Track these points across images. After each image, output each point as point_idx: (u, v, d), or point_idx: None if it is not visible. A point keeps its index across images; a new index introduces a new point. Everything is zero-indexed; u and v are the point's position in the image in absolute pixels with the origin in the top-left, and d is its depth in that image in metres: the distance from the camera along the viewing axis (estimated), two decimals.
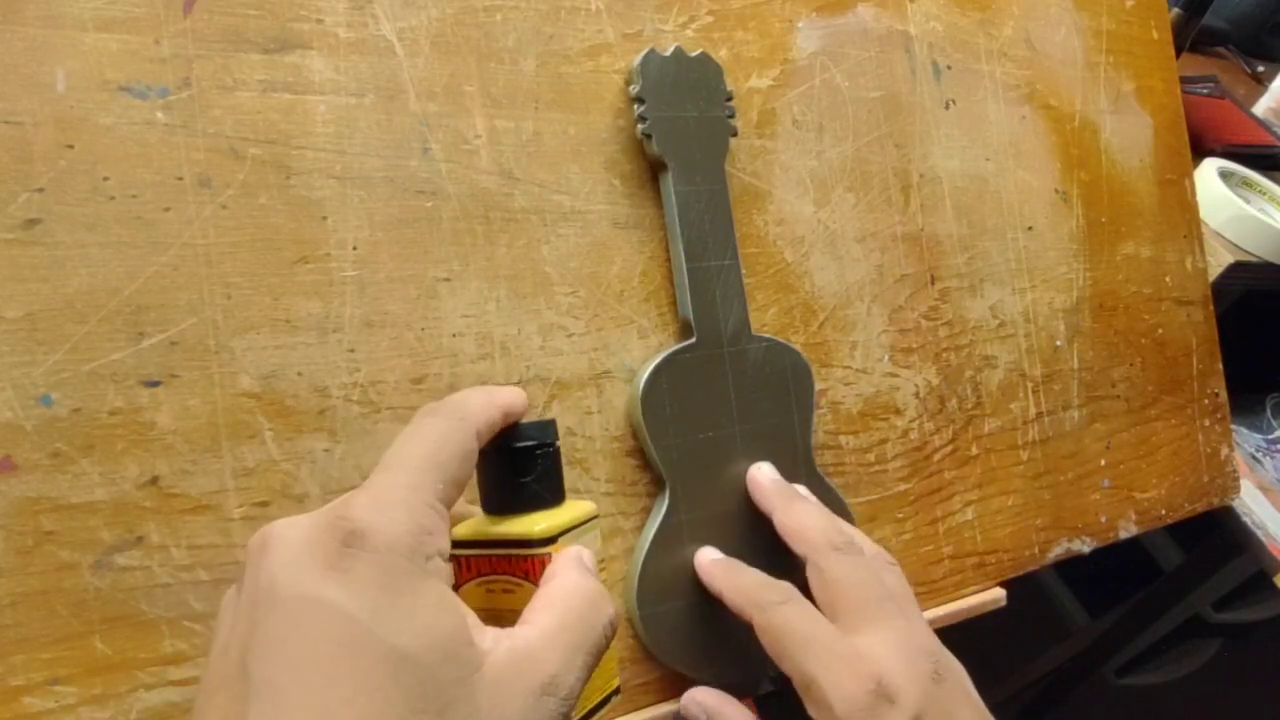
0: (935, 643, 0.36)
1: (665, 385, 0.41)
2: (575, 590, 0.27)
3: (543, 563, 0.29)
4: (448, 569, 0.25)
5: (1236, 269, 0.84)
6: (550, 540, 0.29)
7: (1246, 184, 0.94)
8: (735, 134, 0.44)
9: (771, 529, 0.41)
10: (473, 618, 0.24)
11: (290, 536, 0.24)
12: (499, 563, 0.29)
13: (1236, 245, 0.86)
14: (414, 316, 0.38)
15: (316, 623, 0.22)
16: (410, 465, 0.26)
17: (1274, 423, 0.99)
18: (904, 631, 0.35)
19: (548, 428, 0.31)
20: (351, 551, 0.23)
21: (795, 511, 0.40)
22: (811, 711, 0.34)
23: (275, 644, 0.22)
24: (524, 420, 0.31)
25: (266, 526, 0.24)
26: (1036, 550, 0.54)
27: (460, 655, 0.23)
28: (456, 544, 0.30)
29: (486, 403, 0.29)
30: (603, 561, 0.35)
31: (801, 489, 0.42)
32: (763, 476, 0.42)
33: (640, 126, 0.42)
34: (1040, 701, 1.24)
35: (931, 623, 0.48)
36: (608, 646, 0.27)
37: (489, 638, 0.24)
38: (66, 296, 0.32)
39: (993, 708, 0.36)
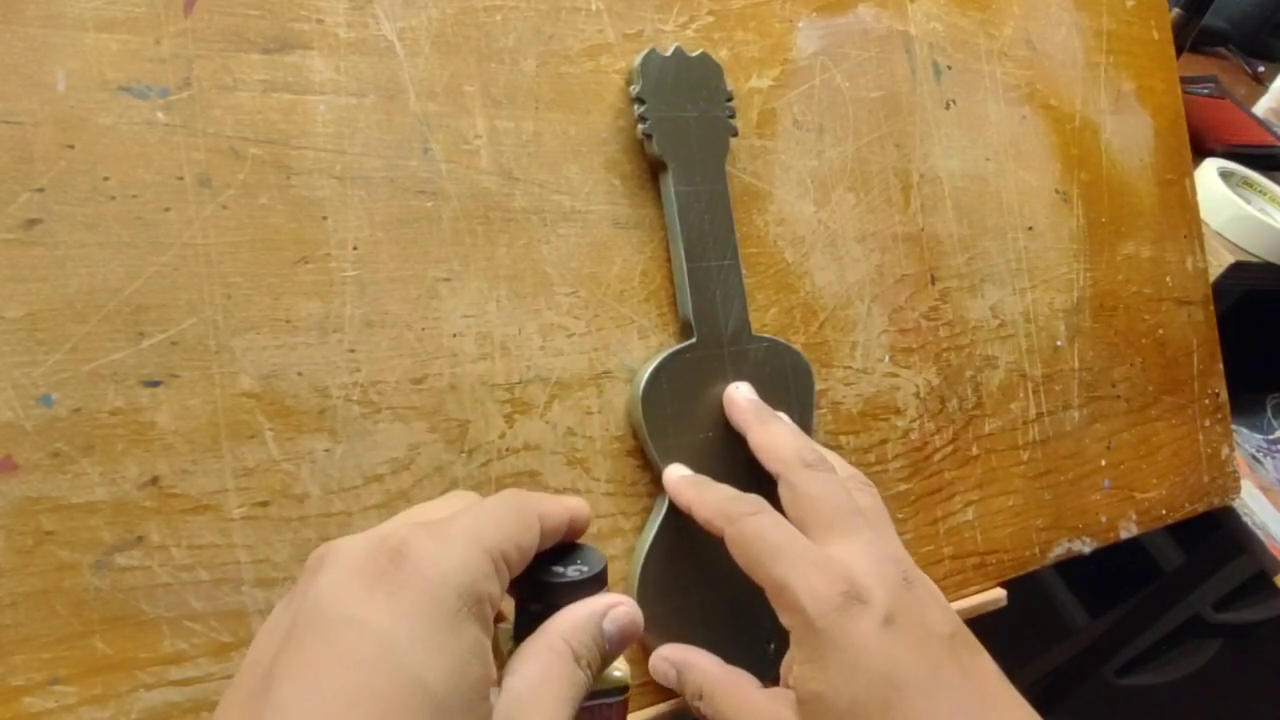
0: (905, 555, 0.36)
1: (665, 385, 0.41)
2: (556, 640, 0.27)
3: (624, 707, 0.29)
4: (490, 618, 0.24)
5: (1237, 269, 0.84)
6: (627, 685, 0.29)
7: (1247, 184, 0.94)
8: (735, 134, 0.44)
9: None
10: (495, 668, 0.24)
11: (345, 554, 0.24)
12: (579, 716, 0.28)
13: (1237, 245, 0.86)
14: (414, 316, 0.38)
15: (351, 644, 0.21)
16: (470, 514, 0.26)
17: (1274, 423, 0.99)
18: (873, 543, 0.35)
19: (601, 566, 0.30)
20: (402, 575, 0.23)
21: (770, 429, 0.40)
22: (784, 618, 0.33)
23: (305, 661, 0.21)
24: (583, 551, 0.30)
25: (329, 543, 0.25)
26: (1037, 550, 0.54)
27: (478, 708, 0.23)
28: None
29: (550, 496, 0.30)
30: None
31: (782, 415, 0.42)
32: (739, 395, 0.42)
33: (640, 126, 0.42)
34: (1040, 702, 1.24)
35: None
36: (584, 695, 0.27)
37: (492, 693, 0.24)
38: (67, 296, 0.32)
39: None
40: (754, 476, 0.43)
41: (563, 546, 0.30)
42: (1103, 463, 0.58)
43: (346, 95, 0.37)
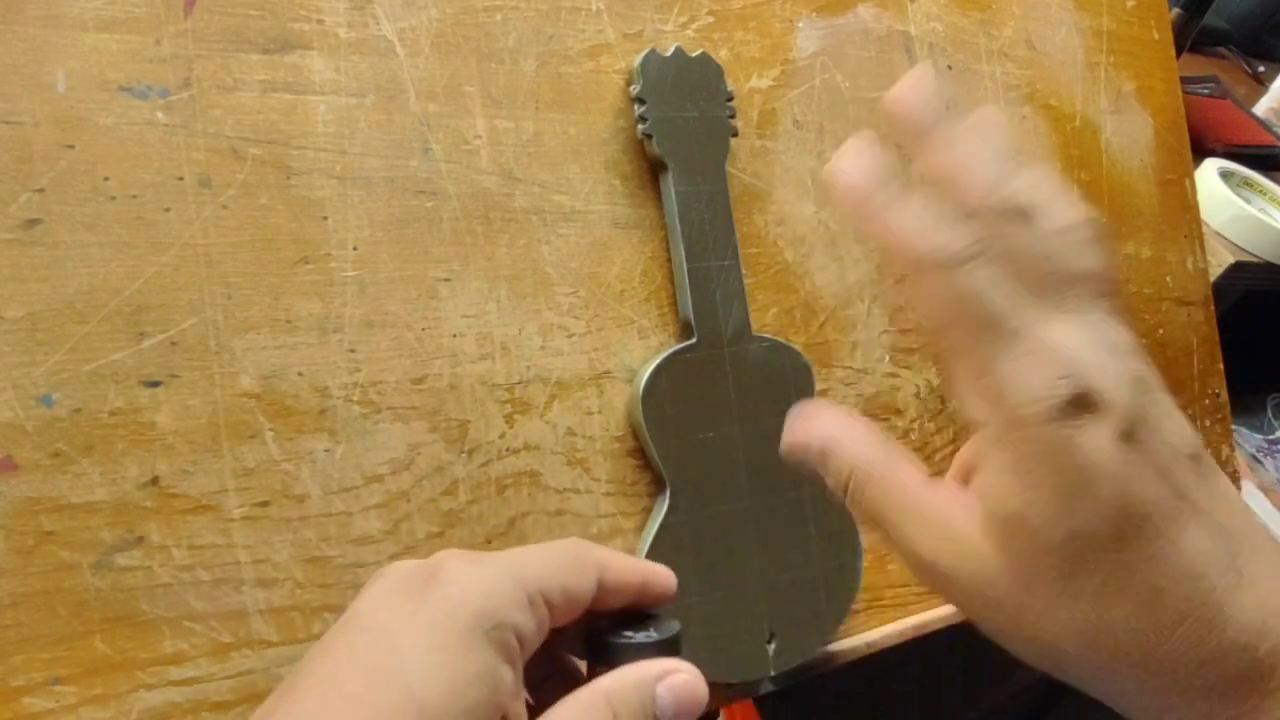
0: (1135, 344, 0.26)
1: (665, 385, 0.41)
2: (595, 695, 0.26)
3: None
4: (514, 649, 0.24)
5: (1237, 269, 0.84)
6: None
7: (1247, 184, 0.94)
8: (736, 134, 0.44)
9: (776, 525, 0.41)
10: (513, 706, 0.24)
11: (394, 572, 0.25)
12: None
13: (1237, 245, 0.86)
14: (414, 316, 0.38)
15: (367, 648, 0.23)
16: (520, 552, 0.26)
17: (1274, 423, 0.99)
18: (1102, 326, 0.26)
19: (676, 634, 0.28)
20: (429, 593, 0.23)
21: (960, 148, 0.27)
22: (975, 410, 0.26)
23: (326, 659, 0.23)
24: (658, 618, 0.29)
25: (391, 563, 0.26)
26: None
27: None
28: None
29: (624, 556, 0.29)
30: None
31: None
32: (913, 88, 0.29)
33: (641, 127, 0.42)
34: (1041, 702, 1.24)
35: (932, 623, 0.48)
36: None
37: None
38: (67, 296, 0.32)
39: (993, 708, 0.35)
40: (758, 479, 0.43)
41: (641, 614, 0.29)
42: None
43: (346, 95, 0.37)
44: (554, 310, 0.41)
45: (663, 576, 0.29)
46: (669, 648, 0.27)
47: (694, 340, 0.42)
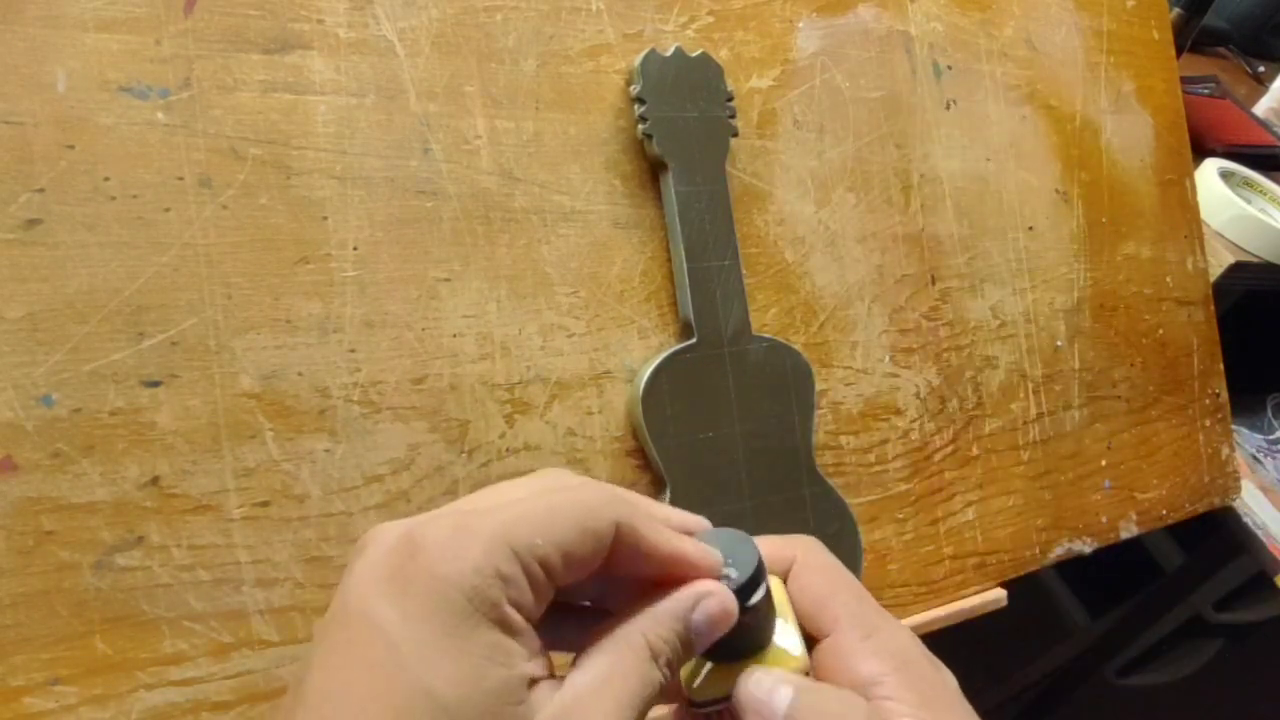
0: None
1: (666, 385, 0.41)
2: (633, 634, 0.25)
3: None
4: (514, 620, 0.23)
5: (1237, 269, 0.84)
6: None
7: (1247, 184, 0.94)
8: (736, 134, 0.44)
9: (776, 525, 0.41)
10: (535, 668, 0.23)
11: (377, 543, 0.23)
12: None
13: (1237, 245, 0.86)
14: (414, 317, 0.38)
15: (365, 643, 0.21)
16: (517, 506, 0.23)
17: (1275, 423, 0.99)
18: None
19: (761, 569, 0.27)
20: (413, 572, 0.22)
21: None
22: (873, 663, 0.28)
23: (329, 654, 0.22)
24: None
25: (376, 526, 0.24)
26: (1037, 550, 0.54)
27: (503, 713, 0.22)
28: (696, 703, 0.27)
29: (663, 532, 0.26)
30: None
31: None
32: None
33: (641, 127, 0.42)
34: (1041, 702, 1.24)
35: (932, 623, 0.48)
36: (658, 697, 0.24)
37: (544, 692, 0.23)
38: (67, 297, 0.32)
39: (993, 708, 0.35)
40: (752, 477, 0.43)
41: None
42: (1103, 463, 0.58)
43: (347, 95, 0.37)
44: (554, 310, 0.41)
45: (702, 567, 0.26)
46: (753, 583, 0.26)
47: (694, 340, 0.42)
